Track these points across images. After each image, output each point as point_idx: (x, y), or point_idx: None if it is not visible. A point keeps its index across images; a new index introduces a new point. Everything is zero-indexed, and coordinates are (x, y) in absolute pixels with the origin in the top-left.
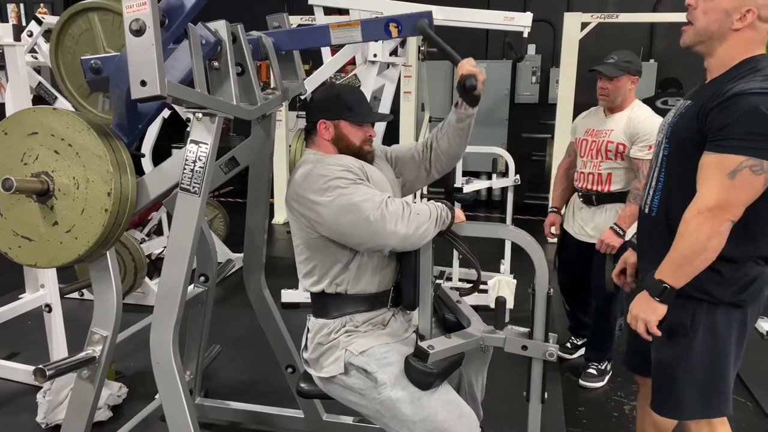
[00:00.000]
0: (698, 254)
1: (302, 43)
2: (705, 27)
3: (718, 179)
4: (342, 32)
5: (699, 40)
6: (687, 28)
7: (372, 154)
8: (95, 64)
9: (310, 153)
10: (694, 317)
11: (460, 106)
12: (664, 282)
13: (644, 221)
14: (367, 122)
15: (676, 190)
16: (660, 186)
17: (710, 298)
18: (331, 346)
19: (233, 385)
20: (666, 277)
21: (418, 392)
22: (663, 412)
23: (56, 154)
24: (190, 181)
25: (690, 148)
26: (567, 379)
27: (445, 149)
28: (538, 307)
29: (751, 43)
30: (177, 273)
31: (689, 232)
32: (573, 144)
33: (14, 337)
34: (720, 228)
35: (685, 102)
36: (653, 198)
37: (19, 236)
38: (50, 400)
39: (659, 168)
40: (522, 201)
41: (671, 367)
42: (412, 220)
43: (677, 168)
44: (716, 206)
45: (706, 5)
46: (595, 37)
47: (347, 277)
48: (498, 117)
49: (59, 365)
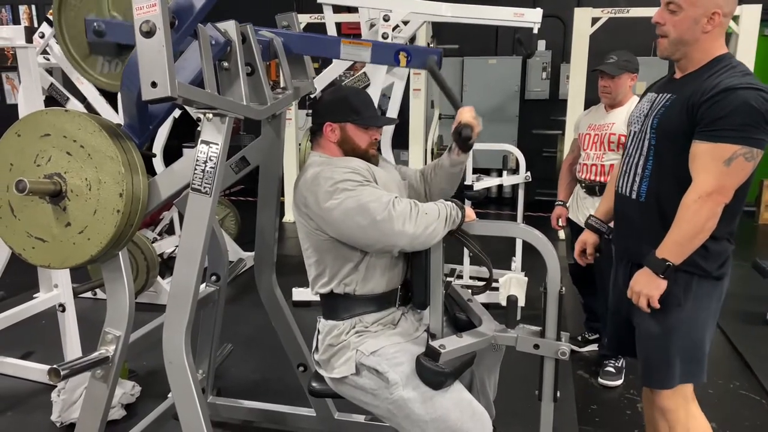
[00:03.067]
0: (698, 234)
1: (311, 50)
2: (679, 37)
3: (715, 166)
4: (352, 49)
5: (675, 50)
6: (662, 41)
7: (377, 157)
8: (98, 27)
9: (316, 156)
10: (686, 289)
11: (453, 152)
12: (667, 260)
13: (629, 205)
14: (374, 126)
15: (667, 177)
16: (648, 173)
17: (700, 272)
18: (341, 347)
19: (245, 384)
20: (668, 255)
21: (430, 392)
22: (656, 383)
23: (68, 155)
24: (201, 182)
25: (679, 137)
26: (579, 376)
27: (437, 190)
28: (550, 306)
29: (719, 37)
30: (189, 273)
31: (690, 214)
32: (576, 140)
33: (29, 336)
34: (717, 210)
35: (664, 95)
36: (641, 184)
37: (33, 237)
38: (64, 399)
39: (645, 156)
40: (533, 198)
41: (663, 337)
42: (420, 220)
43: (666, 157)
44: (714, 191)
45: (674, 19)
46: (606, 33)
47: (356, 277)
48: (508, 113)
49: (73, 365)
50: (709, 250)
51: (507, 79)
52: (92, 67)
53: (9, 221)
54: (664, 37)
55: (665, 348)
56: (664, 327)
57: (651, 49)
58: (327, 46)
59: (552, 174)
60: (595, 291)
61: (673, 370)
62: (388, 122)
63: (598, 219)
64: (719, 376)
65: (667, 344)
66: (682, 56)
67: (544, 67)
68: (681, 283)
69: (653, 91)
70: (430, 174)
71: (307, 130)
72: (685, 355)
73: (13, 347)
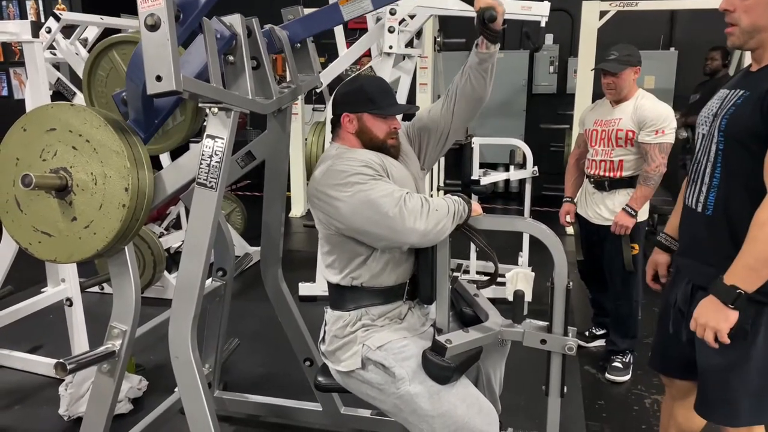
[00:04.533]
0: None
1: (315, 27)
2: (752, 23)
3: None
4: (352, 6)
5: (748, 38)
6: (731, 29)
7: (397, 147)
8: (125, 97)
9: (333, 147)
10: (755, 321)
11: (480, 45)
12: (738, 288)
13: (696, 219)
14: (391, 115)
15: (738, 187)
16: (716, 182)
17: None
18: (348, 340)
19: (252, 378)
20: (739, 282)
21: (436, 387)
22: (716, 419)
23: (74, 150)
24: (206, 176)
25: (752, 141)
26: (586, 371)
27: (468, 94)
28: (557, 301)
29: None
30: (195, 268)
31: (765, 234)
32: (582, 135)
33: (37, 330)
34: None
35: (736, 91)
36: (708, 195)
37: (39, 232)
38: (72, 393)
39: (713, 163)
40: (540, 192)
41: (726, 372)
42: (431, 217)
43: (736, 164)
44: None
45: (746, 4)
46: (614, 26)
47: (365, 272)
48: (515, 108)
49: (80, 359)
50: None
51: (514, 73)
52: None
53: (15, 216)
54: (734, 26)
55: (726, 383)
56: (726, 361)
57: (660, 42)
58: (328, 16)
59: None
60: (604, 287)
61: (739, 407)
62: (405, 110)
63: (668, 236)
64: None
65: (729, 379)
66: (758, 45)
67: (552, 61)
68: (748, 313)
69: (726, 87)
70: (457, 87)
71: (314, 125)
72: (758, 394)
73: (21, 341)
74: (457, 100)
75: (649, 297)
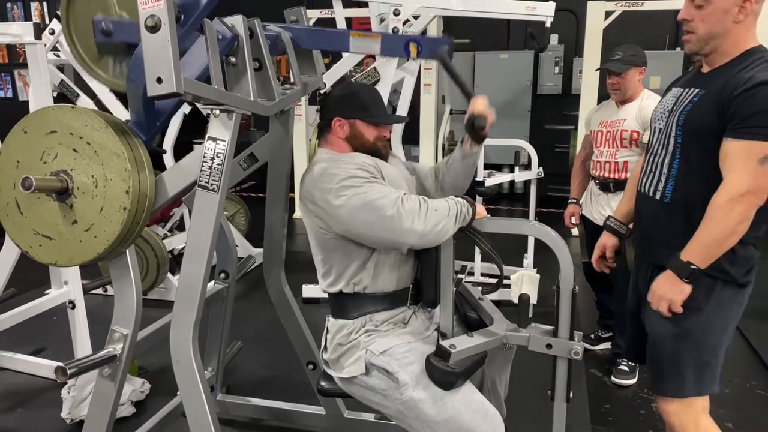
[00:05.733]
0: (728, 237)
1: (320, 44)
2: (708, 32)
3: (749, 165)
4: (361, 42)
5: (704, 45)
6: (689, 37)
7: (387, 152)
8: (106, 26)
9: (323, 152)
10: (707, 293)
11: (465, 144)
12: (692, 264)
13: (653, 206)
14: (384, 124)
15: (695, 177)
16: (674, 173)
17: (725, 276)
18: (351, 346)
19: (254, 381)
20: (694, 259)
21: (440, 392)
22: (667, 390)
23: (75, 152)
24: (208, 178)
25: (707, 135)
26: (592, 375)
27: (450, 183)
28: (563, 305)
29: (752, 27)
30: (196, 271)
31: (720, 216)
32: (588, 136)
33: (41, 332)
34: (749, 212)
35: (691, 90)
36: (666, 184)
37: (40, 235)
38: (74, 396)
39: (671, 155)
40: (545, 194)
41: (677, 341)
42: (429, 217)
43: (694, 155)
44: (748, 191)
45: (702, 13)
46: (620, 26)
47: (365, 275)
48: (520, 109)
49: (80, 364)
50: (737, 255)
51: (519, 74)
52: (104, 70)
53: (16, 218)
54: (691, 33)
55: (677, 353)
56: (679, 331)
57: (666, 42)
58: (336, 40)
59: (565, 170)
60: (609, 288)
61: (684, 377)
62: (397, 120)
63: (617, 220)
64: (736, 375)
65: (680, 349)
66: (712, 50)
67: (557, 61)
68: (703, 287)
69: (678, 85)
70: (442, 170)
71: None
72: (698, 363)
73: (25, 344)
74: (441, 183)
75: None
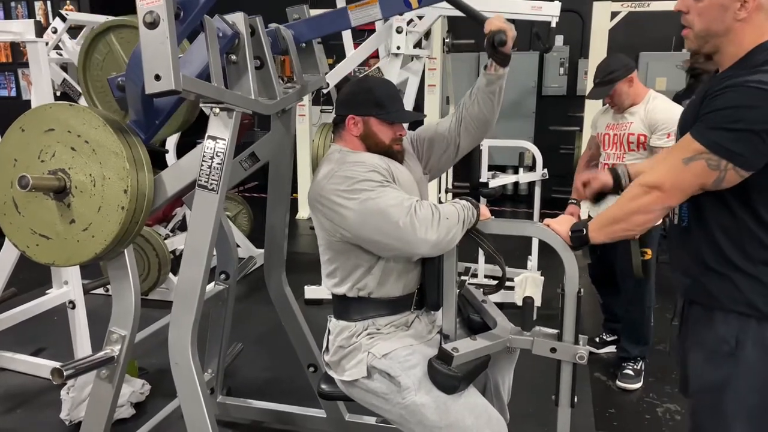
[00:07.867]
0: (620, 221)
1: (321, 30)
2: (705, 28)
3: (674, 159)
4: (360, 12)
5: (703, 43)
6: (687, 32)
7: (402, 153)
8: (121, 82)
9: (336, 148)
10: (740, 334)
11: (489, 68)
12: (585, 230)
13: (674, 231)
14: (399, 122)
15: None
16: None
17: (757, 313)
18: (353, 348)
19: (255, 384)
20: (591, 226)
21: (443, 397)
22: None
23: (73, 150)
24: (207, 178)
25: None
26: (596, 379)
27: (475, 115)
28: (567, 308)
29: (762, 24)
30: (195, 272)
31: (624, 197)
32: (594, 138)
33: (41, 332)
34: (651, 206)
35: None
36: (681, 206)
37: (37, 234)
38: (74, 397)
39: None
40: (550, 195)
41: (717, 392)
42: (442, 226)
43: None
44: (657, 185)
45: (699, 6)
46: (625, 27)
47: (370, 281)
48: (525, 110)
49: (77, 365)
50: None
51: (524, 75)
52: None
53: (13, 218)
54: (688, 28)
55: (718, 404)
56: (715, 380)
57: (672, 43)
58: (335, 20)
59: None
60: (615, 291)
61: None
62: (414, 117)
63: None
64: None
65: (721, 399)
66: (713, 49)
67: (562, 62)
68: (733, 326)
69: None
70: (465, 107)
71: (321, 126)
72: (752, 413)
73: (25, 344)
74: (465, 121)
75: (662, 302)
